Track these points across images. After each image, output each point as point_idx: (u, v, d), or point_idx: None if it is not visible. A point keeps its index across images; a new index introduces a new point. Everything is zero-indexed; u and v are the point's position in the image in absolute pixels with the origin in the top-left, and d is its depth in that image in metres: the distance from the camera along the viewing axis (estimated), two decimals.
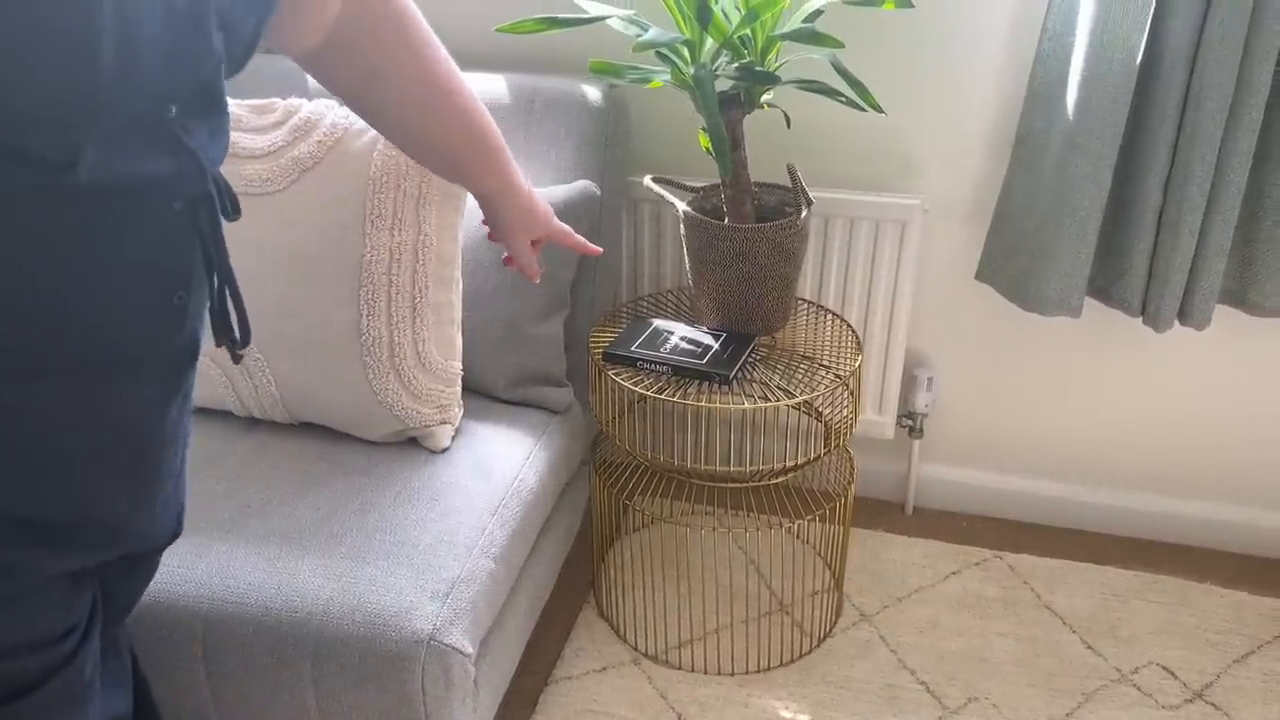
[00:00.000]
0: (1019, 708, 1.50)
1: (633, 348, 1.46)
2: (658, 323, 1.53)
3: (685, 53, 1.35)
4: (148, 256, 0.72)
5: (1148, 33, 1.38)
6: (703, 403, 1.41)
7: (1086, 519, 1.87)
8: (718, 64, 1.36)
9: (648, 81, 1.36)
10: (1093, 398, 1.78)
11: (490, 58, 1.70)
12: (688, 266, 1.51)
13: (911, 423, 1.84)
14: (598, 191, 1.53)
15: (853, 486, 1.60)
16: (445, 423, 1.39)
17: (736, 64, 1.34)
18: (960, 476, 1.90)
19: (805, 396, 1.46)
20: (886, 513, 1.92)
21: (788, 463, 1.89)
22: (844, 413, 1.60)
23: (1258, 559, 1.80)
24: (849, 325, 1.60)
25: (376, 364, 1.34)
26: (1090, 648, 1.61)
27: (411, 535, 1.23)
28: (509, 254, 1.27)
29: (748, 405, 1.41)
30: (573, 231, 1.29)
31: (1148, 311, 1.54)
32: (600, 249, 1.32)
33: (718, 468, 1.96)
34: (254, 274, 1.33)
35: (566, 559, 1.65)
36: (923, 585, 1.73)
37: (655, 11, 1.56)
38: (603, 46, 1.67)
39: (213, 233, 0.77)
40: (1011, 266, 1.59)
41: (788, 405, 1.43)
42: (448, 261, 1.35)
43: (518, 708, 1.51)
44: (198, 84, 0.71)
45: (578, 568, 1.75)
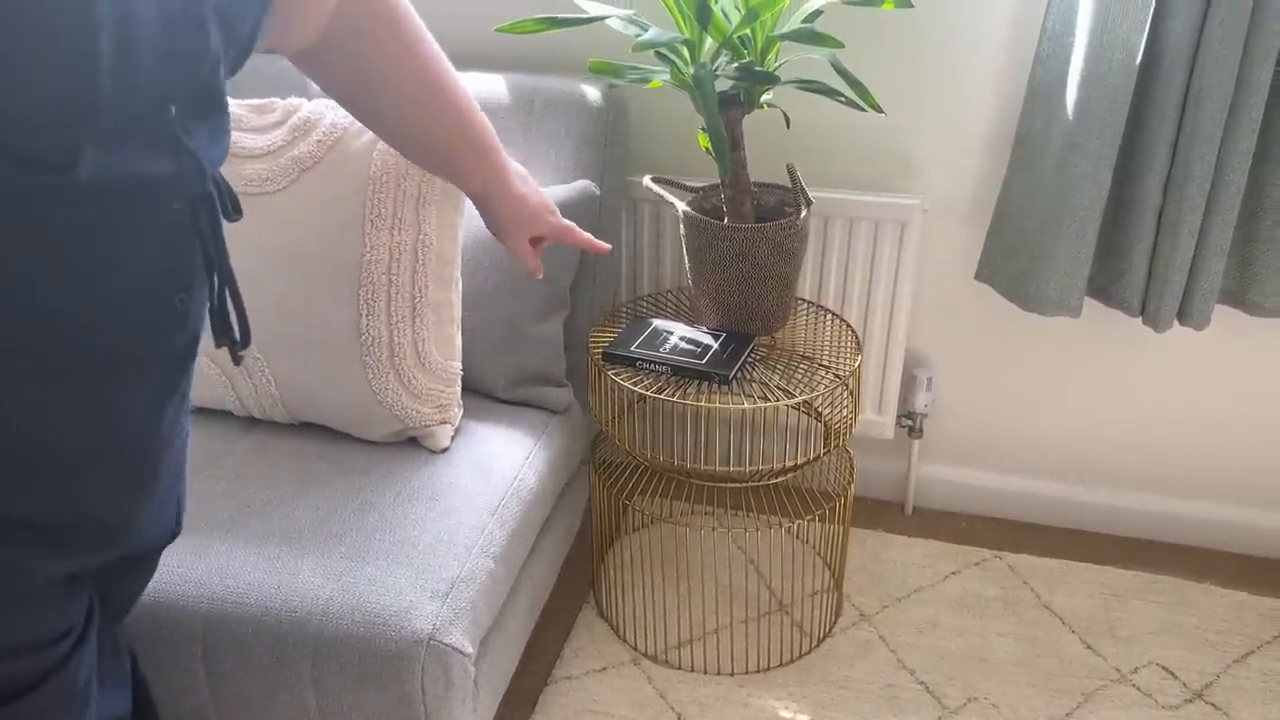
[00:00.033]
0: (1018, 708, 1.50)
1: (632, 348, 1.46)
2: (657, 323, 1.53)
3: (685, 52, 1.35)
4: (148, 257, 0.72)
5: (1147, 33, 1.38)
6: (702, 403, 1.41)
7: (1086, 519, 1.87)
8: (717, 64, 1.36)
9: (647, 81, 1.36)
10: (1092, 398, 1.78)
11: (490, 57, 1.70)
12: (687, 266, 1.51)
13: (911, 423, 1.84)
14: (597, 191, 1.53)
15: (852, 486, 1.60)
16: (445, 422, 1.39)
17: (736, 64, 1.34)
18: (960, 476, 1.90)
19: (805, 396, 1.46)
20: (886, 513, 1.92)
21: (787, 463, 1.89)
22: (843, 413, 1.60)
23: (1257, 559, 1.80)
24: (848, 325, 1.60)
25: (376, 364, 1.34)
26: (1090, 648, 1.61)
27: (411, 535, 1.23)
28: (510, 252, 1.26)
29: (747, 405, 1.41)
30: (576, 227, 1.28)
31: (1147, 311, 1.54)
32: (608, 245, 1.31)
33: (717, 468, 1.96)
34: (254, 274, 1.33)
35: (566, 559, 1.65)
36: (922, 585, 1.73)
37: (655, 11, 1.56)
38: (602, 46, 1.67)
39: (213, 234, 0.77)
40: (1011, 266, 1.59)
41: (787, 405, 1.43)
42: (447, 261, 1.35)
43: (517, 707, 1.51)
44: (197, 84, 0.71)
45: (577, 568, 1.75)
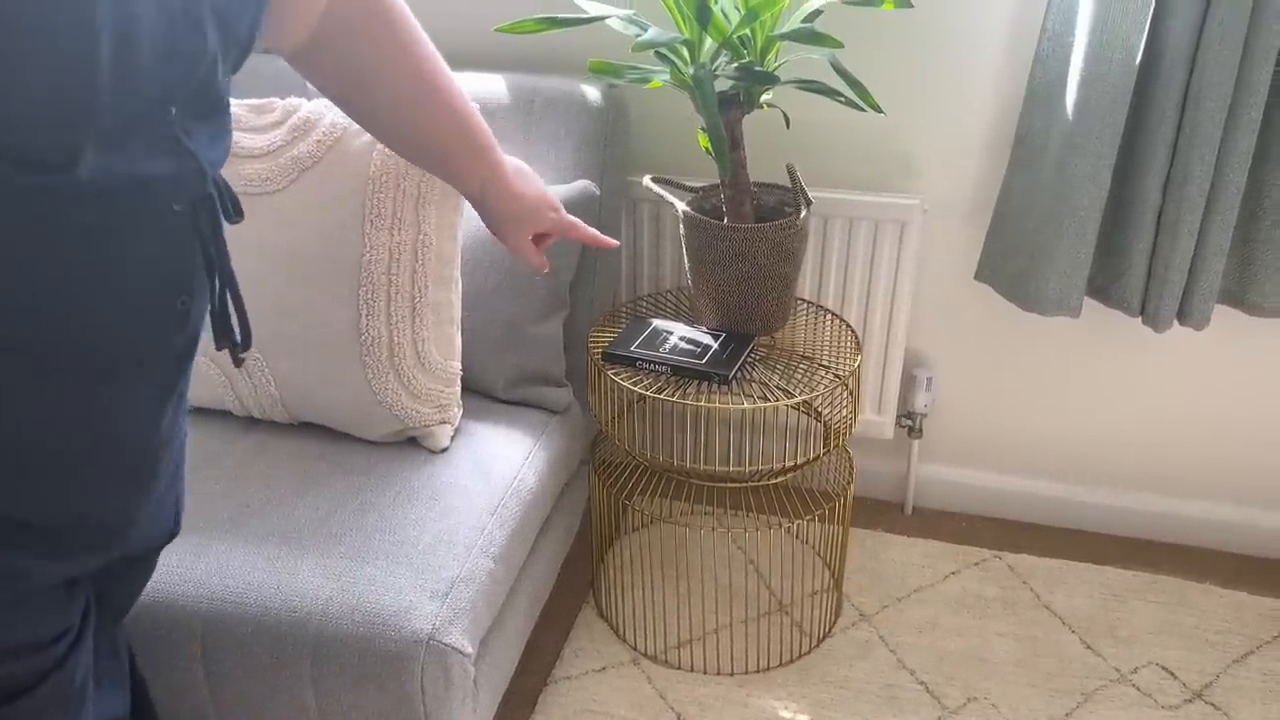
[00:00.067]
0: (1018, 708, 1.50)
1: (632, 348, 1.46)
2: (657, 323, 1.53)
3: (684, 52, 1.35)
4: (149, 259, 0.72)
5: (1147, 33, 1.38)
6: (702, 403, 1.41)
7: (1086, 519, 1.87)
8: (717, 64, 1.36)
9: (647, 81, 1.36)
10: (1092, 398, 1.78)
11: (489, 58, 1.70)
12: (687, 266, 1.51)
13: (911, 423, 1.84)
14: (597, 191, 1.53)
15: (852, 486, 1.60)
16: (444, 422, 1.39)
17: (736, 64, 1.34)
18: (959, 476, 1.90)
19: (804, 396, 1.46)
20: (886, 513, 1.92)
21: (787, 463, 1.89)
22: (843, 413, 1.60)
23: (1257, 559, 1.80)
24: (848, 325, 1.60)
25: (376, 364, 1.34)
26: (1089, 648, 1.61)
27: (411, 535, 1.23)
28: (511, 251, 1.26)
29: (747, 405, 1.41)
30: (580, 223, 1.27)
31: (1147, 311, 1.54)
32: (615, 241, 1.31)
33: (717, 468, 1.96)
34: (253, 273, 1.33)
35: (566, 559, 1.65)
36: (922, 585, 1.73)
37: (654, 11, 1.56)
38: (602, 46, 1.67)
39: (214, 235, 0.77)
40: (1011, 266, 1.59)
41: (787, 405, 1.43)
42: (447, 261, 1.35)
43: (517, 707, 1.51)
44: (196, 84, 0.71)
45: (577, 568, 1.75)
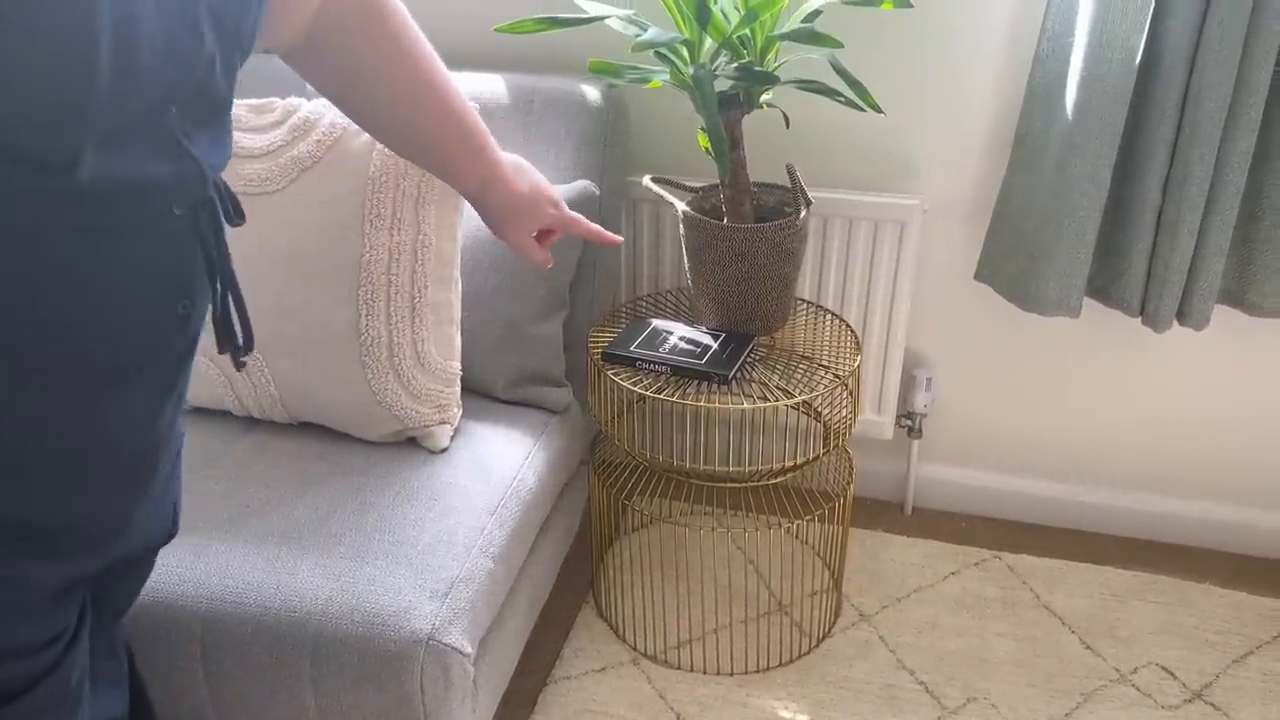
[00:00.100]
0: (1018, 708, 1.50)
1: (632, 348, 1.46)
2: (657, 323, 1.53)
3: (684, 53, 1.35)
4: (149, 262, 0.71)
5: (1147, 33, 1.38)
6: (702, 403, 1.41)
7: (1085, 519, 1.87)
8: (717, 64, 1.36)
9: (647, 81, 1.36)
10: (1092, 398, 1.78)
11: (489, 58, 1.70)
12: (687, 266, 1.50)
13: (910, 423, 1.84)
14: (597, 191, 1.53)
15: (852, 486, 1.60)
16: (444, 423, 1.39)
17: (735, 64, 1.34)
18: (959, 477, 1.90)
19: (804, 396, 1.46)
20: (885, 513, 1.92)
21: (787, 463, 1.89)
22: (843, 413, 1.60)
23: (1256, 559, 1.80)
24: (848, 325, 1.60)
25: (375, 364, 1.33)
26: (1089, 648, 1.61)
27: (410, 535, 1.23)
28: (512, 248, 1.25)
29: (747, 405, 1.41)
30: (582, 218, 1.27)
31: (1146, 312, 1.54)
32: (618, 237, 1.30)
33: (717, 468, 1.96)
34: (253, 273, 1.32)
35: (565, 559, 1.64)
36: (922, 585, 1.73)
37: (654, 11, 1.56)
38: (602, 46, 1.67)
39: (215, 239, 0.77)
40: (1010, 266, 1.59)
41: (787, 405, 1.43)
42: (447, 261, 1.35)
43: (517, 708, 1.51)
44: (194, 85, 0.71)
45: (577, 568, 1.75)
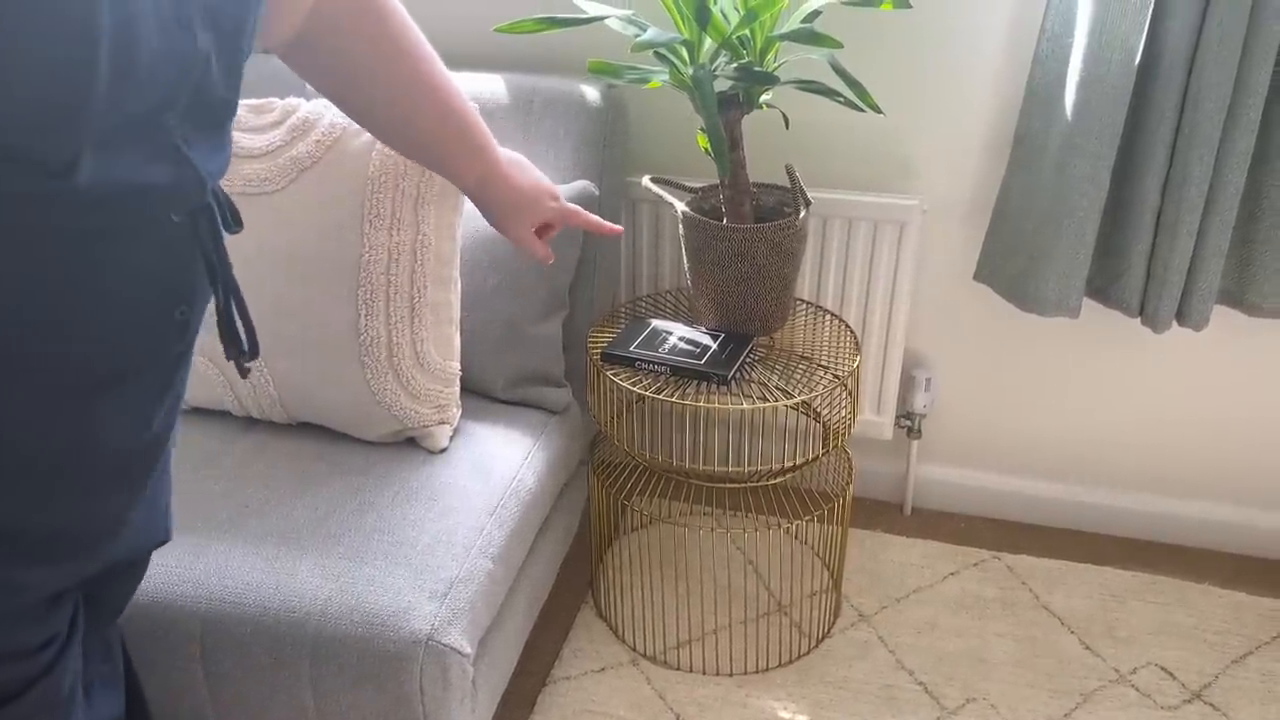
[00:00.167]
0: (1017, 708, 1.50)
1: (631, 348, 1.46)
2: (656, 323, 1.53)
3: (684, 53, 1.35)
4: (147, 268, 0.71)
5: (1146, 33, 1.38)
6: (701, 403, 1.41)
7: (1085, 519, 1.87)
8: (716, 64, 1.36)
9: (646, 82, 1.36)
10: (1091, 398, 1.78)
11: (489, 58, 1.70)
12: (686, 267, 1.50)
13: (910, 423, 1.84)
14: (596, 192, 1.53)
15: (851, 487, 1.60)
16: (443, 423, 1.39)
17: (735, 64, 1.34)
18: (958, 477, 1.90)
19: (803, 397, 1.46)
20: (885, 513, 1.92)
21: (786, 463, 1.89)
22: (842, 413, 1.60)
23: (1256, 559, 1.80)
24: (847, 326, 1.60)
25: (374, 364, 1.33)
26: (1088, 648, 1.61)
27: (410, 535, 1.23)
28: (513, 243, 1.25)
29: (746, 406, 1.41)
30: (581, 210, 1.27)
31: (1146, 312, 1.54)
32: (619, 227, 1.31)
33: (716, 468, 1.96)
34: (252, 274, 1.32)
35: (565, 559, 1.64)
36: (921, 586, 1.73)
37: (654, 11, 1.56)
38: (601, 46, 1.67)
39: (215, 245, 0.77)
40: (1010, 267, 1.59)
41: (786, 406, 1.43)
42: (446, 261, 1.35)
43: (516, 708, 1.51)
44: (193, 87, 0.70)
45: (576, 568, 1.75)
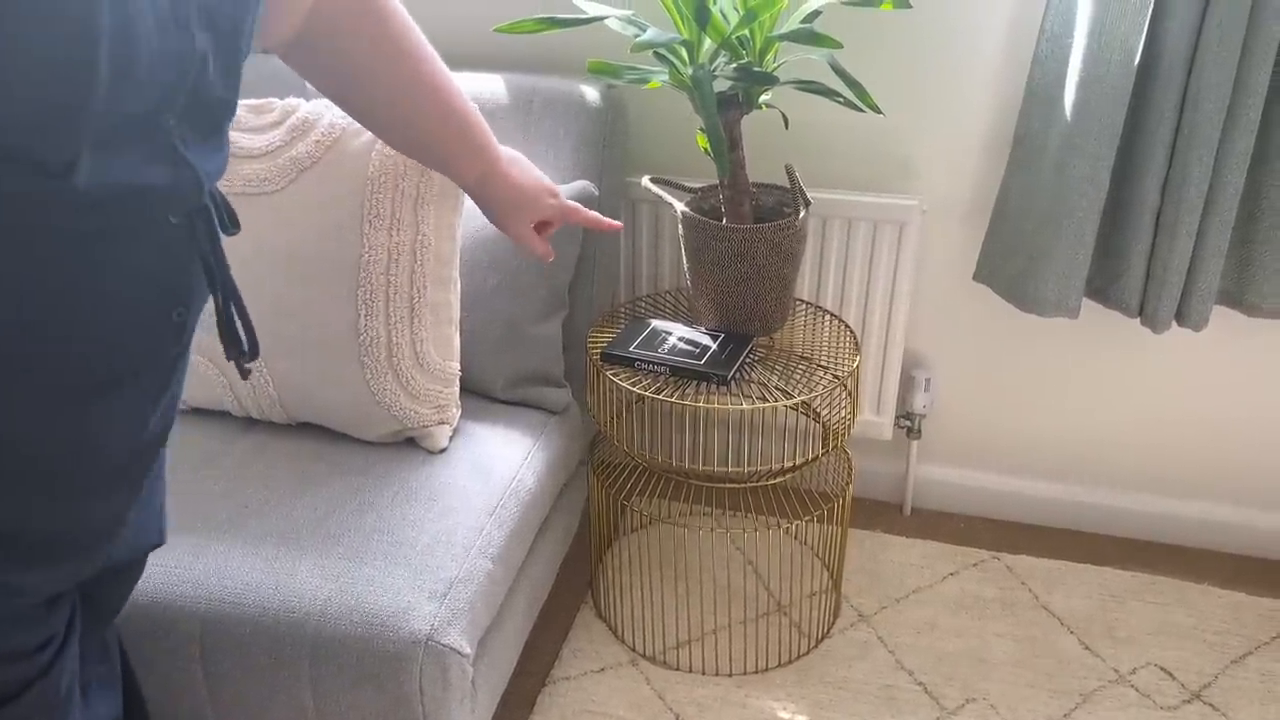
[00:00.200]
0: (1017, 708, 1.50)
1: (631, 348, 1.46)
2: (656, 323, 1.53)
3: (683, 53, 1.35)
4: (144, 270, 0.71)
5: (1145, 34, 1.38)
6: (701, 403, 1.41)
7: (1084, 520, 1.87)
8: (716, 64, 1.36)
9: (646, 82, 1.36)
10: (1090, 398, 1.78)
11: (488, 58, 1.70)
12: (686, 267, 1.50)
13: (909, 423, 1.84)
14: (596, 192, 1.53)
15: (851, 487, 1.60)
16: (443, 423, 1.39)
17: (735, 64, 1.34)
18: (958, 477, 1.90)
19: (803, 397, 1.46)
20: (884, 513, 1.92)
21: (786, 463, 1.89)
22: (842, 413, 1.60)
23: (1255, 560, 1.80)
24: (847, 326, 1.60)
25: (374, 364, 1.33)
26: (1088, 648, 1.61)
27: (409, 535, 1.23)
28: (513, 240, 1.26)
29: (746, 406, 1.41)
30: (581, 207, 1.27)
31: (1145, 312, 1.54)
32: (618, 223, 1.31)
33: (716, 468, 1.96)
34: (251, 274, 1.32)
35: (564, 559, 1.64)
36: (921, 586, 1.73)
37: (653, 12, 1.56)
38: (601, 47, 1.67)
39: (212, 247, 0.77)
40: (1009, 267, 1.59)
41: (786, 406, 1.43)
42: (446, 261, 1.35)
43: (515, 708, 1.51)
44: (191, 88, 0.70)
45: (576, 568, 1.75)
